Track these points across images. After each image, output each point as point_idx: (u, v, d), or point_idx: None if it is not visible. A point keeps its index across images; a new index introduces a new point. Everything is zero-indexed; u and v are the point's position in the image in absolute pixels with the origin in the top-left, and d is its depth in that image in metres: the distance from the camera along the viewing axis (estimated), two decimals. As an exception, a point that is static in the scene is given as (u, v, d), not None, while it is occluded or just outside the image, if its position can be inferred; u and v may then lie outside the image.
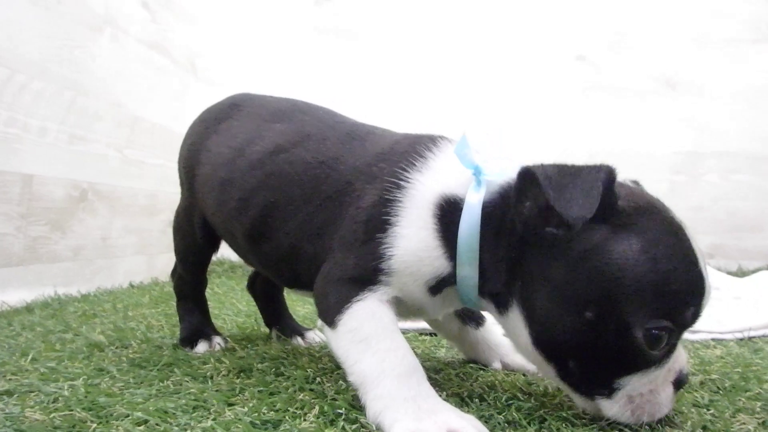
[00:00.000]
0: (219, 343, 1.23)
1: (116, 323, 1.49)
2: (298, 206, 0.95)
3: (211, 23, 3.08)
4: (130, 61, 2.44)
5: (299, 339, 1.32)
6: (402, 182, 0.84)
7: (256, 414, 0.80)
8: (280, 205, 0.97)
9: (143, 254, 2.52)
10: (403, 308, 0.88)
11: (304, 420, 0.78)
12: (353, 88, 3.07)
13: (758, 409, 0.84)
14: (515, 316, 0.78)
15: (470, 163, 0.82)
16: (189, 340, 1.24)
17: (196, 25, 2.97)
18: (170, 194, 2.61)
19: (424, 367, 1.07)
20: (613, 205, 0.73)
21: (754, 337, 1.44)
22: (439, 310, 0.92)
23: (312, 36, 3.18)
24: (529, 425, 0.77)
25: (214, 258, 1.33)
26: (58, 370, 1.02)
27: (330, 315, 0.84)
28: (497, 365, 1.10)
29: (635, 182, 0.86)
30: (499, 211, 0.79)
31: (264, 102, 1.18)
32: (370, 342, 0.80)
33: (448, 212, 0.81)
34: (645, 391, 0.74)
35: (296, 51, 3.15)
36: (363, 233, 0.85)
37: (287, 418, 0.79)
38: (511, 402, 0.86)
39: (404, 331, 1.45)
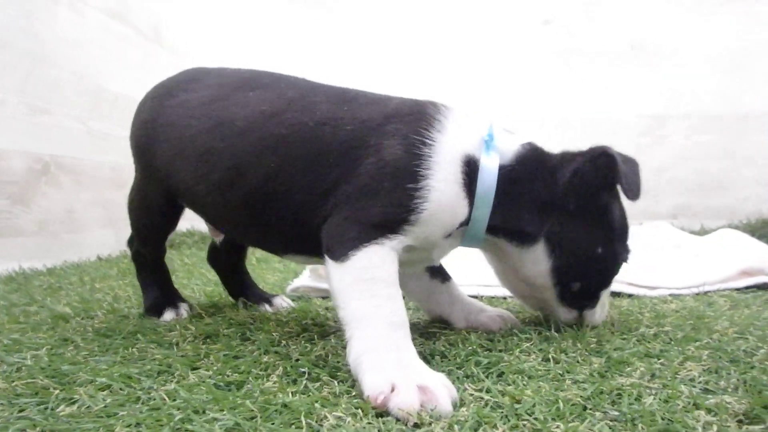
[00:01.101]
0: (186, 310, 1.24)
1: (82, 295, 1.49)
2: (304, 167, 0.96)
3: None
4: (91, 30, 2.38)
5: (266, 305, 1.33)
6: (428, 141, 0.93)
7: (220, 376, 0.81)
8: (283, 169, 0.97)
9: (111, 227, 2.49)
10: (410, 256, 0.97)
11: (268, 380, 0.79)
12: (323, 55, 3.04)
13: (705, 357, 0.87)
14: (539, 248, 1.00)
15: (489, 133, 0.98)
16: (155, 308, 1.24)
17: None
18: (136, 166, 2.58)
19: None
20: None
21: (709, 291, 1.49)
22: (443, 252, 1.04)
23: (281, 3, 3.13)
24: (487, 378, 0.80)
25: (184, 229, 1.34)
26: (22, 341, 1.02)
27: (342, 248, 0.88)
28: (461, 323, 1.13)
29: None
30: (523, 172, 0.99)
31: (223, 72, 1.16)
32: (374, 285, 0.84)
33: (471, 169, 0.95)
34: (605, 300, 1.09)
35: (263, 18, 3.10)
36: (390, 183, 0.90)
37: (251, 379, 0.80)
38: (470, 357, 0.88)
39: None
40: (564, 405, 0.69)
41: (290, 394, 0.74)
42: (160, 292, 1.28)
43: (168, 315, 1.21)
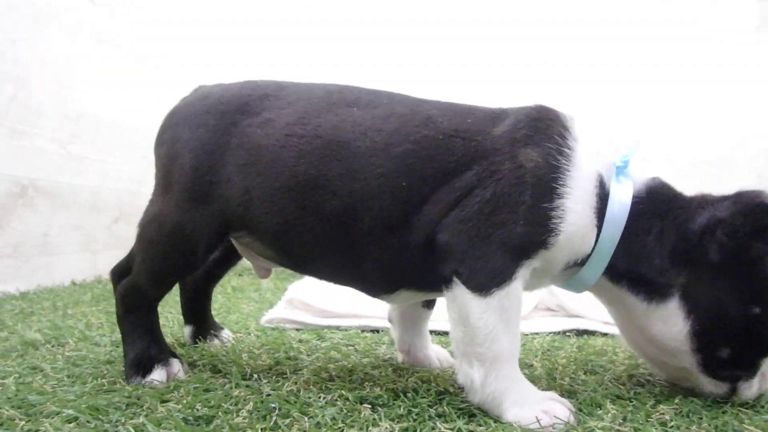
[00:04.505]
0: (182, 368, 1.00)
1: (54, 321, 1.46)
2: (438, 183, 0.87)
3: (158, 14, 3.02)
4: (76, 54, 2.38)
5: (216, 340, 1.27)
6: (565, 149, 0.84)
7: (190, 410, 0.80)
8: (417, 188, 0.87)
9: (87, 251, 2.46)
10: None
11: (237, 416, 0.79)
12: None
13: (677, 401, 0.88)
14: (672, 305, 0.86)
15: (625, 158, 0.88)
16: (140, 364, 0.98)
17: (144, 17, 2.91)
18: (115, 191, 2.56)
19: (362, 363, 1.09)
20: None
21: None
22: (539, 287, 0.95)
23: (271, 29, 3.15)
24: (459, 418, 0.80)
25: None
26: (-11, 369, 1.00)
27: (486, 281, 0.81)
28: (403, 349, 1.12)
29: None
30: (653, 209, 0.87)
31: (300, 87, 1.02)
32: (511, 324, 0.83)
33: (602, 192, 0.85)
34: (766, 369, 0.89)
35: (247, 36, 3.11)
36: (531, 198, 0.81)
37: (220, 414, 0.79)
38: (443, 396, 0.88)
39: (347, 328, 1.47)
40: (534, 447, 0.69)
41: (259, 431, 0.73)
42: (148, 343, 1.01)
43: (158, 374, 0.96)
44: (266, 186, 0.93)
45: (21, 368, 1.02)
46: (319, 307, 1.57)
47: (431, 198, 0.87)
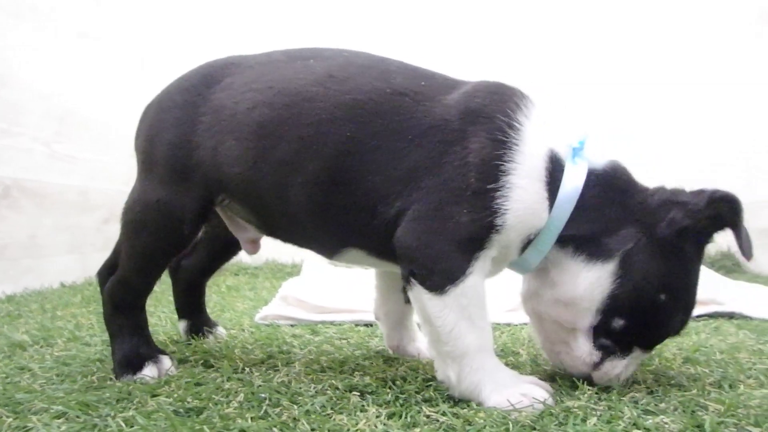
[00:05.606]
0: (173, 364, 1.01)
1: (43, 323, 1.46)
2: (382, 142, 0.87)
3: (145, 12, 3.00)
4: (60, 51, 2.37)
5: (211, 336, 1.28)
6: (515, 124, 0.84)
7: (180, 403, 0.81)
8: (358, 142, 0.87)
9: (76, 253, 2.45)
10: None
11: (228, 407, 0.80)
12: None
13: (650, 380, 0.92)
14: (609, 267, 0.86)
15: (581, 140, 0.89)
16: (130, 362, 0.98)
17: (130, 14, 2.90)
18: (104, 190, 2.56)
19: (354, 355, 1.10)
20: None
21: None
22: (499, 270, 0.94)
23: (255, 27, 3.14)
24: (443, 403, 0.81)
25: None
26: (-24, 370, 1.00)
27: (439, 281, 0.82)
28: (393, 343, 1.14)
29: None
30: (615, 183, 0.89)
31: (266, 54, 1.04)
32: (474, 319, 0.83)
33: (554, 167, 0.86)
34: (636, 362, 0.91)
35: (243, 36, 3.10)
36: (476, 180, 0.82)
37: (211, 405, 0.80)
38: (429, 383, 0.90)
39: (341, 323, 1.48)
40: (513, 427, 0.71)
41: (249, 420, 0.74)
42: (137, 341, 1.02)
43: (149, 370, 0.97)
44: (227, 141, 0.96)
45: (8, 369, 1.02)
46: (313, 303, 1.58)
47: (376, 158, 0.87)
